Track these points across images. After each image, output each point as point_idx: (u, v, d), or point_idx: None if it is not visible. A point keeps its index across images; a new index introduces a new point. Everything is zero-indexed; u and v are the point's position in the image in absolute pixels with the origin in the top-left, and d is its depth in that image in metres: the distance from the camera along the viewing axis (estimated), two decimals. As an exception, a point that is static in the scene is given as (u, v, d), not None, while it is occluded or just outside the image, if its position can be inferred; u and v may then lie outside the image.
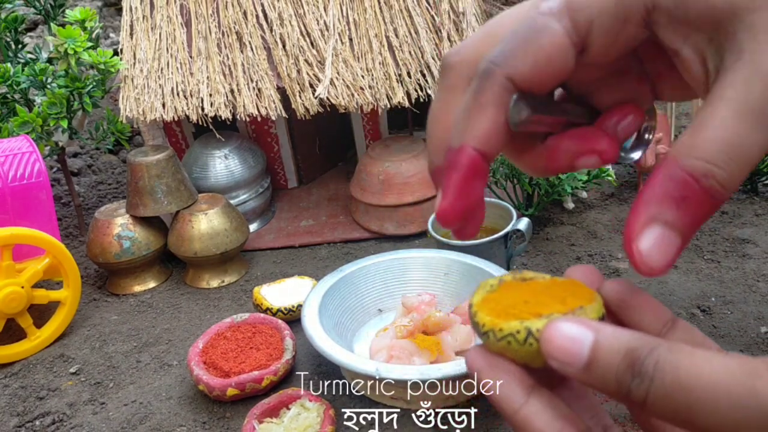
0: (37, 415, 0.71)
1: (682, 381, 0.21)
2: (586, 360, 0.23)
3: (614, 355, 0.23)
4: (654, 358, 0.22)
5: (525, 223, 0.83)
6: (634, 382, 0.22)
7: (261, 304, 0.81)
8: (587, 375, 0.23)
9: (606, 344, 0.23)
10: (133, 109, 0.96)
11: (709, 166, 0.22)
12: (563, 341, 0.24)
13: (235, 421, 0.67)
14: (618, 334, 0.23)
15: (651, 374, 0.21)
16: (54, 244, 0.81)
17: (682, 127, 1.30)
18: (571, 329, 0.24)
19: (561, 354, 0.24)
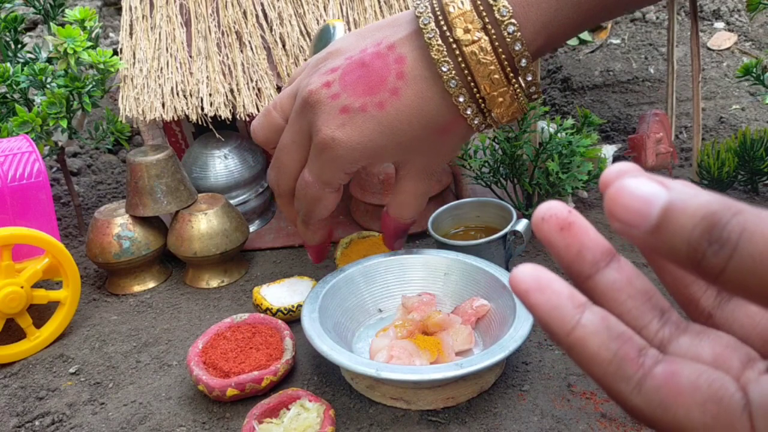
0: (36, 415, 0.71)
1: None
2: (655, 221, 0.21)
3: (689, 217, 0.20)
4: (739, 223, 0.19)
5: (523, 224, 0.82)
6: (711, 248, 0.19)
7: (261, 304, 0.80)
8: (653, 239, 0.21)
9: (682, 204, 0.20)
10: (132, 108, 0.96)
11: (408, 219, 0.69)
12: (631, 200, 0.21)
13: (235, 422, 0.67)
14: (696, 193, 0.20)
15: (735, 242, 0.19)
16: (53, 244, 0.81)
17: (683, 127, 1.30)
18: (640, 186, 0.21)
19: (626, 214, 0.21)
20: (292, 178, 0.63)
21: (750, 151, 1.00)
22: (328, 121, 0.56)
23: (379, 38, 0.57)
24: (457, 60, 0.53)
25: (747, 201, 1.01)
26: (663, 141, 1.04)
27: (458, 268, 0.77)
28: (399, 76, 0.54)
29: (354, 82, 0.55)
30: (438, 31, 0.53)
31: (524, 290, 0.24)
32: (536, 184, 0.94)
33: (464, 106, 0.55)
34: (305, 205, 0.63)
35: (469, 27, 0.50)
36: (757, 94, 1.43)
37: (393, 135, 0.56)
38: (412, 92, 0.54)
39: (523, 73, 0.54)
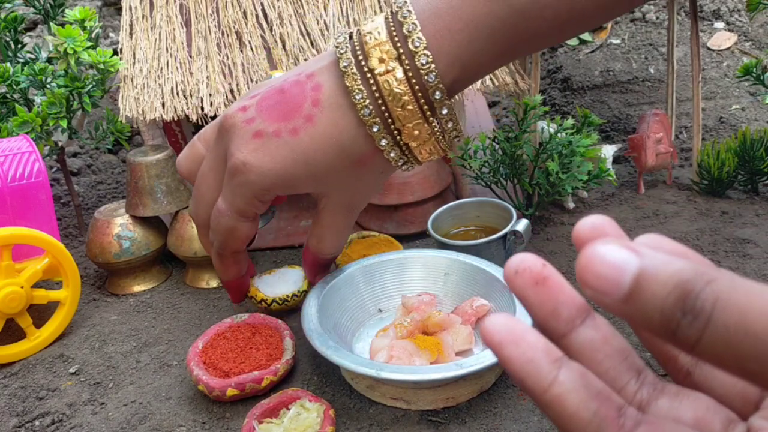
0: (36, 415, 0.71)
1: (751, 325, 0.18)
2: (627, 289, 0.20)
3: (661, 286, 0.19)
4: (713, 293, 0.18)
5: (523, 224, 0.82)
6: (686, 319, 0.19)
7: (254, 295, 0.78)
8: (626, 307, 0.20)
9: (653, 272, 0.20)
10: (132, 108, 0.96)
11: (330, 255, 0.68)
12: (602, 267, 0.20)
13: (235, 422, 0.67)
14: (668, 260, 0.20)
15: (708, 312, 0.18)
16: (53, 244, 0.81)
17: (683, 127, 1.30)
18: (613, 253, 0.21)
19: (598, 282, 0.20)
20: (208, 207, 0.60)
21: (750, 151, 1.00)
22: (240, 145, 0.54)
23: (303, 68, 0.57)
24: (371, 89, 0.52)
25: (747, 201, 1.01)
26: (663, 141, 1.04)
27: (458, 268, 0.77)
28: (315, 103, 0.53)
29: (269, 108, 0.54)
30: (354, 59, 0.52)
31: (497, 342, 0.23)
32: (536, 184, 0.94)
33: (379, 136, 0.53)
34: (219, 236, 0.59)
35: (384, 57, 0.50)
36: (757, 94, 1.43)
37: (307, 164, 0.54)
38: (327, 120, 0.53)
39: (438, 106, 0.53)
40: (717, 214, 0.98)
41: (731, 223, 0.95)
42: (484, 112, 1.41)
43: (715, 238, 0.92)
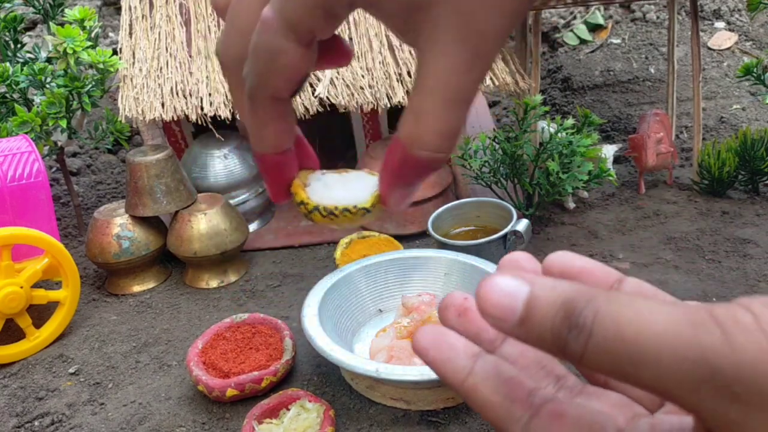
0: (36, 415, 0.71)
1: (623, 333, 0.20)
2: (520, 314, 0.22)
3: (550, 308, 0.21)
4: (593, 309, 0.21)
5: (524, 224, 0.82)
6: (572, 335, 0.21)
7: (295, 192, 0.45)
8: (523, 330, 0.22)
9: (542, 296, 0.22)
10: (132, 108, 0.95)
11: (432, 154, 0.29)
12: (497, 296, 0.23)
13: (235, 422, 0.66)
14: (554, 284, 0.22)
15: (589, 326, 0.20)
16: (53, 244, 0.81)
17: (684, 127, 1.30)
18: (505, 283, 0.23)
19: (495, 310, 0.23)
20: (246, 31, 0.35)
21: (750, 150, 1.00)
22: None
23: None
24: None
25: (748, 201, 1.00)
26: (663, 141, 1.04)
27: (458, 268, 0.76)
28: None
29: None
30: None
31: (423, 349, 0.26)
32: (536, 184, 0.94)
33: None
34: (256, 63, 0.34)
35: None
36: (757, 93, 1.42)
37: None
38: None
39: None
40: (717, 214, 0.98)
41: (732, 223, 0.95)
42: (485, 112, 1.40)
43: (716, 238, 0.92)
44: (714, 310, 0.19)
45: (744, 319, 0.19)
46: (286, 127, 0.34)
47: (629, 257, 0.89)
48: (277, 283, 0.93)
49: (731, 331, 0.19)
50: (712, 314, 0.19)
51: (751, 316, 0.19)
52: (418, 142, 0.29)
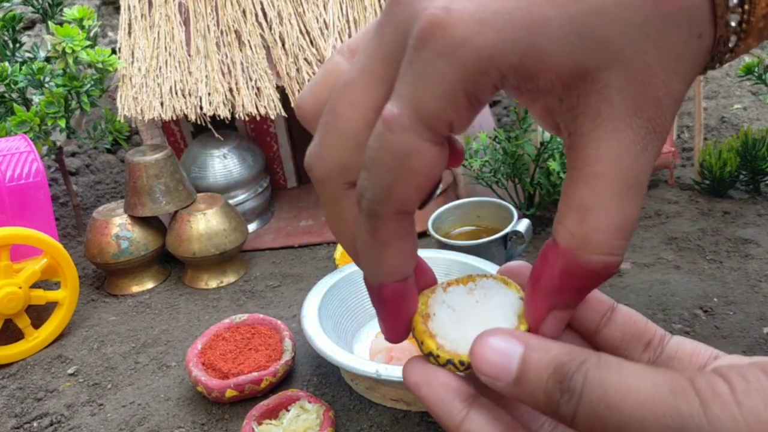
0: (35, 416, 0.71)
1: (609, 399, 0.20)
2: (515, 375, 0.23)
3: (543, 370, 0.22)
4: (582, 374, 0.21)
5: (525, 224, 0.82)
6: (563, 398, 0.21)
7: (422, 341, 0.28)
8: (517, 390, 0.23)
9: (535, 358, 0.22)
10: (131, 108, 0.95)
11: (607, 258, 0.23)
12: (492, 356, 0.23)
13: (234, 423, 0.66)
14: (547, 346, 0.23)
15: (579, 391, 0.21)
16: (52, 244, 0.81)
17: (684, 127, 1.29)
18: (499, 343, 0.23)
19: (490, 369, 0.23)
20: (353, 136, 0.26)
21: (752, 150, 1.00)
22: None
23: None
24: None
25: (749, 201, 1.00)
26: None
27: (459, 268, 0.76)
28: None
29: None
30: None
31: (414, 383, 0.25)
32: (537, 183, 0.94)
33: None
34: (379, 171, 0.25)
35: None
36: (759, 93, 1.42)
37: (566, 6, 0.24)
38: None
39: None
40: (719, 214, 0.98)
41: (733, 223, 0.95)
42: (485, 112, 1.40)
43: (717, 238, 0.91)
44: (695, 379, 0.20)
45: (721, 390, 0.19)
46: (410, 247, 0.26)
47: (630, 257, 0.89)
48: (276, 283, 0.92)
49: (709, 402, 0.19)
50: (692, 383, 0.20)
51: (728, 388, 0.19)
52: (590, 246, 0.23)
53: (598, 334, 0.28)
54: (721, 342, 0.71)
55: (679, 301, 0.79)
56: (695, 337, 0.72)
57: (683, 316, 0.76)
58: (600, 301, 0.28)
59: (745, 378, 0.20)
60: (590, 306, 0.27)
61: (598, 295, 0.28)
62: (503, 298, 0.27)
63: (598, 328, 0.27)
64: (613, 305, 0.28)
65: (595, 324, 0.27)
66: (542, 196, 0.95)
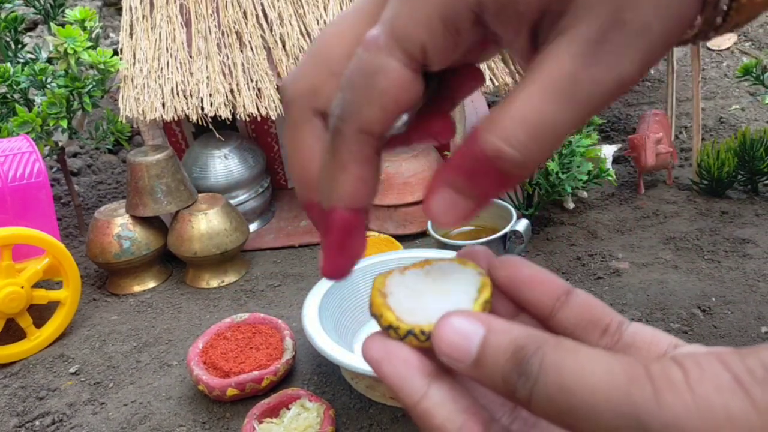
0: (36, 415, 0.71)
1: (564, 383, 0.20)
2: (474, 357, 0.22)
3: (502, 353, 0.22)
4: (539, 358, 0.21)
5: (524, 224, 0.82)
6: (520, 381, 0.21)
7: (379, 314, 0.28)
8: (476, 372, 0.22)
9: (495, 341, 0.22)
10: (132, 108, 0.96)
11: (502, 146, 0.22)
12: (453, 337, 0.23)
13: (235, 421, 0.67)
14: (508, 329, 0.22)
15: (536, 374, 0.21)
16: (54, 244, 0.81)
17: (683, 127, 1.30)
18: (462, 324, 0.23)
19: (450, 350, 0.23)
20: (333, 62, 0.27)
21: (750, 151, 1.00)
22: None
23: None
24: None
25: (747, 201, 1.01)
26: (663, 141, 1.04)
27: (458, 268, 0.76)
28: None
29: None
30: None
31: (375, 360, 0.24)
32: (536, 184, 0.94)
33: None
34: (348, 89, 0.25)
35: None
36: (756, 94, 1.43)
37: None
38: None
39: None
40: (717, 214, 0.98)
41: (731, 223, 0.95)
42: (485, 112, 1.40)
43: (715, 238, 0.92)
44: (650, 365, 0.20)
45: (675, 377, 0.19)
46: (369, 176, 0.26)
47: (628, 257, 0.90)
48: (277, 282, 0.93)
49: (661, 388, 0.19)
50: (647, 370, 0.20)
51: (682, 374, 0.19)
52: (493, 127, 0.22)
53: (553, 318, 0.27)
54: (720, 341, 0.72)
55: (677, 301, 0.79)
56: (694, 336, 0.73)
57: (681, 316, 0.76)
58: (554, 283, 0.27)
59: (700, 365, 0.19)
60: (544, 288, 0.27)
61: (553, 279, 0.27)
62: (460, 275, 0.27)
63: (552, 312, 0.27)
64: (569, 290, 0.27)
65: (549, 308, 0.27)
66: (541, 196, 0.96)
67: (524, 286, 0.27)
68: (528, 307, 0.27)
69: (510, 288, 0.27)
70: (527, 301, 0.27)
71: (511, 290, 0.27)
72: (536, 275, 0.27)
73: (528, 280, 0.27)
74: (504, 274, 0.27)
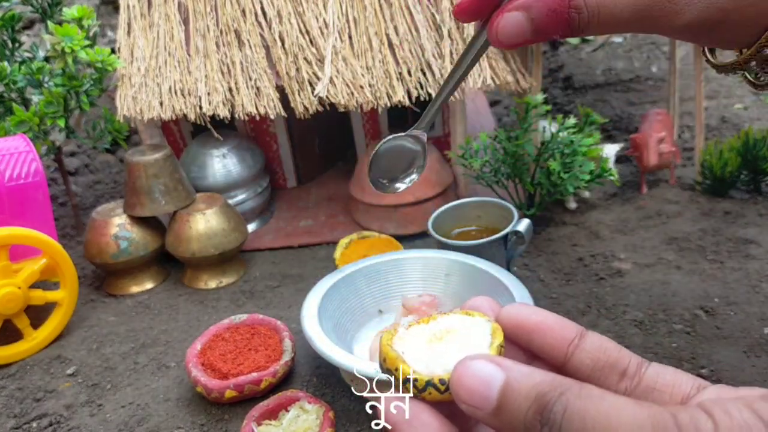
0: (33, 416, 0.70)
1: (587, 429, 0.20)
2: (495, 404, 0.22)
3: (523, 400, 0.22)
4: (563, 405, 0.21)
5: (525, 224, 0.82)
6: (544, 429, 0.21)
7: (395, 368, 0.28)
8: (497, 420, 0.22)
9: (516, 386, 0.22)
10: (130, 107, 0.95)
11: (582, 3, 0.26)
12: (473, 382, 0.22)
13: (234, 423, 0.66)
14: (528, 373, 0.22)
15: (559, 423, 0.21)
16: (51, 244, 0.81)
17: (686, 127, 1.29)
18: (481, 368, 0.23)
19: (470, 397, 0.22)
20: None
21: (753, 150, 0.99)
22: None
23: None
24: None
25: (750, 201, 1.00)
26: (665, 140, 1.04)
27: (459, 268, 0.76)
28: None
29: None
30: None
31: (394, 422, 0.24)
32: (538, 183, 0.94)
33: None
34: None
35: None
36: (759, 93, 1.42)
37: None
38: None
39: None
40: (720, 213, 0.97)
41: (734, 223, 0.94)
42: (486, 112, 1.40)
43: (718, 238, 0.91)
44: (677, 414, 0.19)
45: (704, 427, 0.19)
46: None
47: (631, 257, 0.89)
48: (276, 283, 0.92)
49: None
50: (675, 419, 0.19)
51: (711, 424, 0.19)
52: None
53: (568, 363, 0.27)
54: (722, 342, 0.71)
55: (680, 302, 0.78)
56: (696, 337, 0.72)
57: (684, 317, 0.75)
58: (565, 328, 0.27)
59: (729, 414, 0.19)
60: (555, 333, 0.27)
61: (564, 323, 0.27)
62: (469, 324, 0.27)
63: (566, 357, 0.27)
64: (582, 332, 0.27)
65: (563, 353, 0.27)
66: (542, 196, 0.95)
67: (534, 334, 0.26)
68: (541, 354, 0.27)
69: (520, 337, 0.27)
70: (540, 348, 0.27)
71: (521, 339, 0.27)
72: (545, 321, 0.27)
73: (537, 327, 0.26)
74: (513, 322, 0.27)
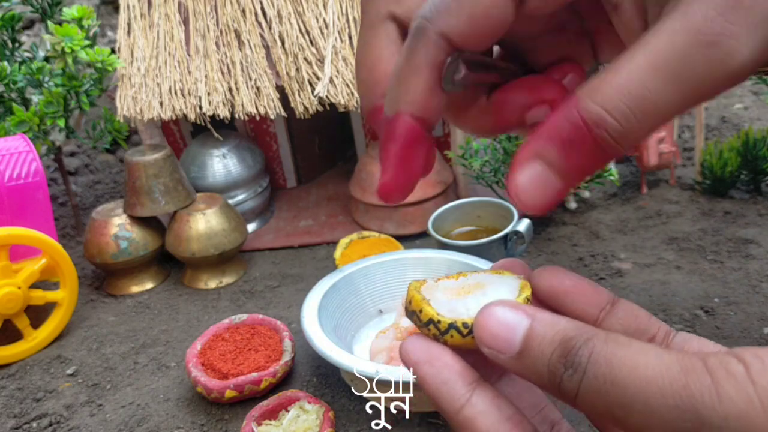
0: (33, 417, 0.70)
1: (615, 376, 0.19)
2: (518, 348, 0.21)
3: (548, 344, 0.21)
4: (589, 349, 0.20)
5: (525, 224, 0.82)
6: (567, 373, 0.20)
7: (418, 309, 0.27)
8: (519, 364, 0.22)
9: (541, 331, 0.21)
10: (130, 107, 0.95)
11: (603, 114, 0.20)
12: (497, 327, 0.22)
13: (234, 424, 0.66)
14: (554, 320, 0.22)
15: (584, 366, 0.20)
16: (51, 244, 0.81)
17: (686, 127, 1.29)
18: (506, 314, 0.22)
19: (493, 341, 0.22)
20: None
21: (753, 150, 0.99)
22: None
23: None
24: None
25: (750, 201, 1.00)
26: (665, 140, 1.04)
27: (459, 268, 0.76)
28: None
29: None
30: None
31: (414, 362, 0.24)
32: (537, 183, 0.94)
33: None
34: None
35: None
36: (760, 93, 1.42)
37: None
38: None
39: None
40: (720, 213, 0.97)
41: (734, 223, 0.94)
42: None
43: (718, 238, 0.91)
44: (707, 358, 0.19)
45: (735, 369, 0.18)
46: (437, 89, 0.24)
47: (631, 257, 0.89)
48: (276, 283, 0.92)
49: (721, 380, 0.18)
50: (705, 362, 0.19)
51: (743, 367, 0.18)
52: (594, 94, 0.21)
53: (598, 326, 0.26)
54: (722, 342, 0.71)
55: (679, 302, 0.78)
56: (696, 337, 0.72)
57: (684, 317, 0.75)
58: (599, 294, 0.26)
59: (761, 358, 0.18)
60: (588, 299, 0.26)
61: (598, 289, 0.27)
62: (498, 281, 0.26)
63: (597, 322, 0.26)
64: (614, 300, 0.27)
65: (593, 317, 0.26)
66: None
67: (567, 296, 0.26)
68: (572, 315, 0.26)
69: (551, 298, 0.26)
70: (570, 311, 0.26)
71: (552, 300, 0.26)
72: (579, 285, 0.26)
73: (571, 290, 0.26)
74: (545, 284, 0.26)
